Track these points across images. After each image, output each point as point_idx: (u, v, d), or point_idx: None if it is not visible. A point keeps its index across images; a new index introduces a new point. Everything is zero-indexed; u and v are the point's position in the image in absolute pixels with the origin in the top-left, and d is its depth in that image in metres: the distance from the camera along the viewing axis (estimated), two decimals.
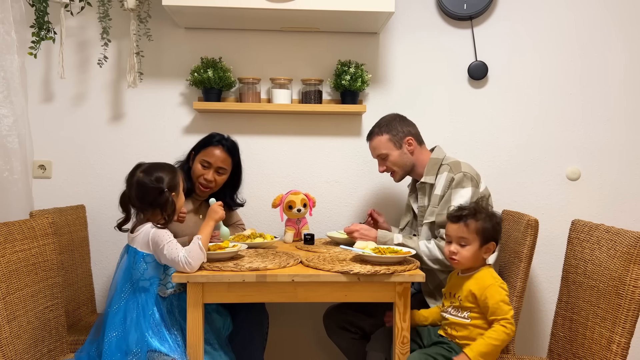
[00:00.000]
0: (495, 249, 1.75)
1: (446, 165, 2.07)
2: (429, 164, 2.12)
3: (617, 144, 2.62)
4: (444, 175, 2.03)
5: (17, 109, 2.23)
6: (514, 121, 2.62)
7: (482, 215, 1.71)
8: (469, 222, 1.70)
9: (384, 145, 2.14)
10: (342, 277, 1.66)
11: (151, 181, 1.75)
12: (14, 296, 1.61)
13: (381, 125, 2.16)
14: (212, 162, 2.16)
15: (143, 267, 1.70)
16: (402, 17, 2.57)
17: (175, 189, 1.78)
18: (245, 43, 2.56)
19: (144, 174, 1.76)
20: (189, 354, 1.65)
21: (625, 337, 1.54)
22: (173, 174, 1.80)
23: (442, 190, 2.02)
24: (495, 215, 1.76)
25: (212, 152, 2.17)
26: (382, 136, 2.14)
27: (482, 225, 1.70)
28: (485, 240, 1.71)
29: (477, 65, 2.57)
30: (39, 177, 2.52)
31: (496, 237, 1.74)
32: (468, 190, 1.97)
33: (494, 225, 1.72)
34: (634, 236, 1.55)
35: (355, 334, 2.18)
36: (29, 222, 1.76)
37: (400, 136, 2.13)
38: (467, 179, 1.99)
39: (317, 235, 2.39)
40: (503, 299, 1.64)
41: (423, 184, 2.12)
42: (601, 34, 2.61)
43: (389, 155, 2.14)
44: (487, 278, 1.69)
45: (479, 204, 1.81)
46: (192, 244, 1.68)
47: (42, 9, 2.22)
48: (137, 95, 2.54)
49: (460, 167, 2.02)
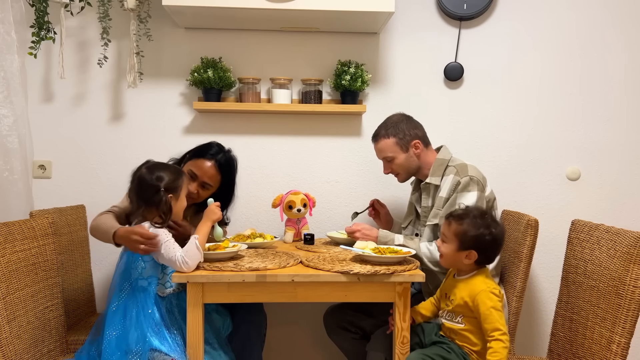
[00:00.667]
0: (477, 258, 1.66)
1: (452, 167, 2.04)
2: (435, 164, 2.09)
3: (617, 144, 2.62)
4: (450, 178, 2.01)
5: (17, 109, 2.23)
6: (514, 121, 2.62)
7: (467, 221, 1.65)
8: (451, 222, 1.68)
9: (390, 149, 2.09)
10: (342, 277, 1.66)
11: (151, 178, 1.75)
12: (14, 296, 1.61)
13: (388, 127, 2.11)
14: (198, 175, 2.03)
15: (141, 267, 1.71)
16: (402, 17, 2.57)
17: (173, 192, 1.77)
18: (245, 43, 2.56)
19: (147, 170, 1.77)
20: (189, 353, 1.65)
21: (625, 337, 1.54)
22: (176, 176, 1.79)
23: (447, 193, 2.00)
24: (491, 229, 1.65)
25: (202, 164, 2.05)
26: (389, 139, 2.09)
27: (463, 229, 1.65)
28: (463, 246, 1.65)
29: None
30: (39, 177, 2.52)
31: (479, 248, 1.65)
32: (474, 194, 1.95)
33: (479, 235, 1.63)
34: (634, 236, 1.55)
35: (356, 334, 2.17)
36: (29, 222, 1.76)
37: (407, 139, 2.08)
38: (473, 183, 1.96)
39: (317, 235, 2.39)
40: (494, 305, 1.60)
41: (428, 185, 2.10)
42: (602, 34, 2.61)
43: (395, 159, 2.10)
44: (479, 284, 1.65)
45: (483, 214, 1.70)
46: (189, 244, 1.68)
47: (42, 9, 2.22)
48: (137, 95, 2.54)
49: (467, 171, 2.00)
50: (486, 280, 1.67)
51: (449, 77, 2.58)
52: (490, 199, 2.03)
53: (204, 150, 2.11)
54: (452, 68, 2.57)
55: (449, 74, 2.58)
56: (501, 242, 1.71)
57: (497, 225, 1.68)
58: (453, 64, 2.58)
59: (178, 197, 1.79)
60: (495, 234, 1.66)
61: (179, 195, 1.79)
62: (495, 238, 1.66)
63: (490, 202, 2.03)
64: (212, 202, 1.86)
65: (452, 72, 2.57)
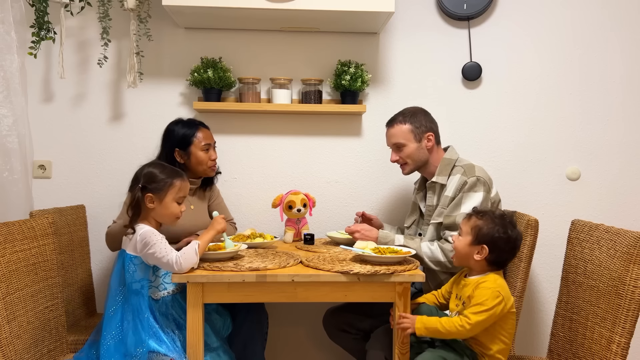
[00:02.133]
0: (488, 255, 1.66)
1: (459, 167, 2.05)
2: (442, 163, 2.10)
3: (617, 144, 2.62)
4: (457, 177, 2.02)
5: (17, 109, 2.23)
6: (514, 121, 2.62)
7: (486, 217, 1.68)
8: (472, 217, 1.71)
9: (403, 135, 2.10)
10: (342, 277, 1.66)
11: (140, 171, 1.78)
12: (14, 296, 1.61)
13: (405, 115, 2.12)
14: (210, 142, 2.19)
15: (132, 269, 1.69)
16: (402, 17, 2.57)
17: (152, 192, 1.73)
18: (245, 43, 2.56)
19: (148, 164, 1.81)
20: (188, 354, 1.65)
21: (625, 337, 1.54)
22: (166, 179, 1.75)
23: (453, 193, 2.01)
24: (507, 229, 1.67)
25: (204, 134, 2.18)
26: (405, 125, 2.10)
27: (479, 224, 1.68)
28: (477, 241, 1.67)
29: (471, 65, 2.57)
30: (39, 177, 2.52)
31: (491, 245, 1.66)
32: (480, 194, 1.96)
33: (494, 232, 1.66)
34: (634, 236, 1.55)
35: (357, 335, 2.18)
36: (29, 222, 1.76)
37: (422, 130, 2.10)
38: (480, 184, 1.97)
39: (317, 235, 2.39)
40: (488, 301, 1.59)
41: (434, 184, 2.10)
42: (602, 34, 2.61)
43: (405, 146, 2.10)
44: (490, 281, 1.66)
45: (503, 216, 1.71)
46: (189, 247, 1.68)
47: (42, 9, 2.22)
48: (137, 95, 2.54)
49: (474, 171, 2.01)
50: (498, 282, 1.66)
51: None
52: (496, 200, 2.04)
53: (187, 128, 2.18)
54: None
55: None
56: (515, 246, 1.71)
57: (513, 228, 1.70)
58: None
59: (161, 199, 1.74)
60: (509, 235, 1.67)
61: (162, 198, 1.74)
62: (509, 240, 1.67)
63: (496, 204, 2.03)
64: (218, 214, 1.86)
65: (465, 72, 2.57)
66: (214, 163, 2.20)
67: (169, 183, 1.75)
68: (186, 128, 2.17)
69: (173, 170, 1.82)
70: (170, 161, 2.10)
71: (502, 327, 1.65)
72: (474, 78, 2.58)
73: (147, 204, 1.73)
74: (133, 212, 1.72)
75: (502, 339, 1.65)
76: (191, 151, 2.15)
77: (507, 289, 1.67)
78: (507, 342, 1.67)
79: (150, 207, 1.73)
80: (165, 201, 1.75)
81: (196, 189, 2.24)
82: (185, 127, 2.18)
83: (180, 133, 2.16)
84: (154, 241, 1.66)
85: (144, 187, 1.73)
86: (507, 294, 1.64)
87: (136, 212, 1.73)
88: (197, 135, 2.16)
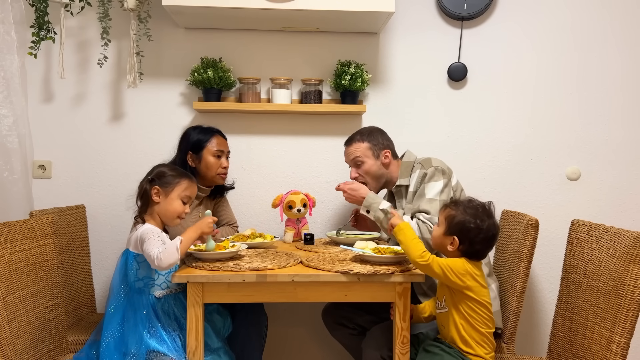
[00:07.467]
0: (459, 247, 1.65)
1: (418, 164, 2.12)
2: (402, 167, 2.18)
3: (617, 144, 2.63)
4: (417, 173, 2.09)
5: (17, 109, 2.23)
6: (514, 121, 2.62)
7: (459, 208, 1.67)
8: (447, 207, 1.72)
9: (362, 152, 2.18)
10: (342, 277, 1.66)
11: (152, 169, 1.84)
12: (14, 296, 1.61)
13: (363, 134, 2.22)
14: (223, 150, 2.21)
15: (135, 267, 1.71)
16: (402, 17, 2.57)
17: (160, 185, 1.78)
18: (245, 43, 2.56)
19: (160, 164, 1.89)
20: (188, 354, 1.65)
21: (625, 337, 1.54)
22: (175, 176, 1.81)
23: (414, 187, 2.09)
24: (477, 220, 1.63)
25: (218, 141, 2.20)
26: (363, 143, 2.19)
27: (452, 214, 1.67)
28: (449, 231, 1.66)
29: (457, 66, 2.57)
30: (39, 177, 2.52)
31: (461, 235, 1.64)
32: (440, 183, 2.02)
33: (464, 222, 1.63)
34: (633, 236, 1.55)
35: (354, 330, 2.19)
36: (29, 222, 1.76)
37: (379, 147, 2.19)
38: (438, 172, 2.04)
39: (317, 235, 2.39)
40: (459, 262, 1.61)
41: (399, 187, 2.17)
42: (601, 34, 2.61)
43: (363, 163, 2.18)
44: (458, 261, 1.64)
45: (477, 206, 1.69)
46: (171, 243, 1.67)
47: (42, 9, 2.22)
48: (137, 95, 2.54)
49: (431, 162, 2.08)
50: (466, 264, 1.63)
51: (451, 77, 2.58)
52: (457, 188, 2.10)
53: (202, 135, 2.20)
54: (455, 68, 2.57)
55: (451, 74, 2.58)
56: (488, 237, 1.66)
57: (487, 219, 1.66)
58: (455, 64, 2.58)
59: (167, 194, 1.78)
60: (480, 225, 1.64)
61: (168, 193, 1.78)
62: (480, 230, 1.63)
63: (458, 192, 2.10)
64: (210, 214, 1.83)
65: (455, 72, 2.57)
66: (224, 171, 2.21)
67: (177, 180, 1.81)
68: (202, 134, 2.20)
69: (183, 172, 1.87)
70: (183, 165, 2.13)
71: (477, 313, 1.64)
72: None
73: (152, 197, 1.77)
74: (141, 204, 1.80)
75: (484, 339, 1.66)
76: (203, 155, 2.16)
77: (479, 267, 1.66)
78: (488, 342, 1.67)
79: (155, 201, 1.77)
80: (170, 197, 1.79)
81: (204, 198, 2.24)
82: (202, 133, 2.21)
83: (195, 137, 2.19)
84: (149, 236, 1.68)
85: (152, 179, 1.79)
86: (475, 268, 1.63)
87: (144, 203, 1.79)
88: (211, 141, 2.18)
